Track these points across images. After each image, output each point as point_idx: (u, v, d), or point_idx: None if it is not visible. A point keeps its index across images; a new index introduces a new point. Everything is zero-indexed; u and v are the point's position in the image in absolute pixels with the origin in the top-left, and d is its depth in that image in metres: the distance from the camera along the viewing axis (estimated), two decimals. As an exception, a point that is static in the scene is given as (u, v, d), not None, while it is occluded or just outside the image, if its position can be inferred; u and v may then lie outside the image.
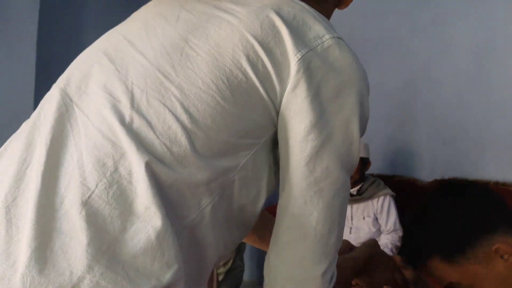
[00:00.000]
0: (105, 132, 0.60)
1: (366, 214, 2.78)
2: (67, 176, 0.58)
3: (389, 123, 3.43)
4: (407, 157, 3.33)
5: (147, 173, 0.57)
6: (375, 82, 3.67)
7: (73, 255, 0.54)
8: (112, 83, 0.65)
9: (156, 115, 0.61)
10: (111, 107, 0.62)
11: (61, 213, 0.56)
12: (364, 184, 2.81)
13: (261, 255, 3.69)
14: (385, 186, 2.81)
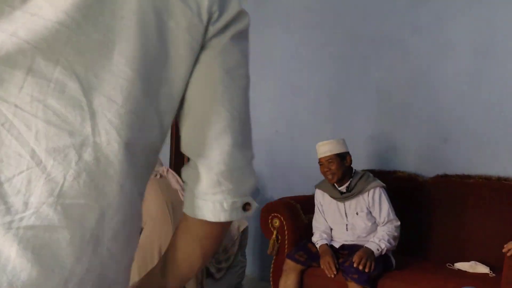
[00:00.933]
0: (56, 121, 0.55)
1: (359, 209, 2.80)
2: (22, 175, 0.54)
3: (390, 120, 3.45)
4: (408, 153, 3.35)
5: (120, 152, 0.58)
6: (376, 80, 3.74)
7: (59, 252, 0.53)
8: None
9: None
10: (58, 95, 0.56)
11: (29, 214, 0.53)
12: (353, 180, 2.82)
13: (263, 250, 3.74)
14: (374, 179, 2.82)
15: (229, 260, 3.13)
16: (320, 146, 2.84)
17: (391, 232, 2.68)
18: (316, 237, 2.87)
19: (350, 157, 2.84)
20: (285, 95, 4.01)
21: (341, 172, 2.78)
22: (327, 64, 3.79)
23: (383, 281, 2.52)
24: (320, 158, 2.83)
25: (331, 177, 2.79)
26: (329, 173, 2.78)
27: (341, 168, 2.78)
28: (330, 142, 2.82)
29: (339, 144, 2.83)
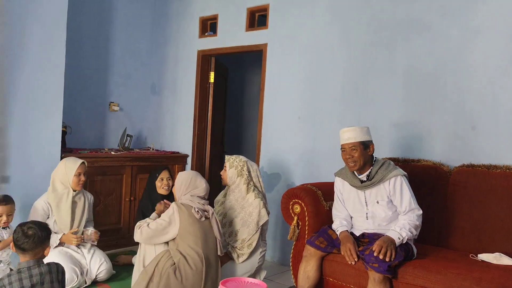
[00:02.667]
0: None
1: (379, 198, 2.75)
2: None
3: (416, 106, 3.38)
4: (433, 141, 3.29)
5: None
6: (403, 66, 3.66)
7: None
8: None
9: None
10: None
11: None
12: (373, 168, 2.77)
13: (284, 235, 3.79)
14: (395, 167, 2.76)
15: (250, 245, 3.16)
16: (344, 132, 2.80)
17: (412, 221, 2.64)
18: (336, 224, 2.86)
19: (373, 146, 2.79)
20: (308, 81, 3.97)
21: (362, 160, 2.73)
22: (352, 49, 3.72)
23: (404, 270, 2.49)
24: (342, 144, 2.80)
25: (352, 165, 2.75)
26: (351, 161, 2.75)
27: (363, 156, 2.73)
28: (354, 129, 2.77)
29: (363, 132, 2.77)
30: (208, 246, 2.89)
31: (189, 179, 3.03)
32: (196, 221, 2.87)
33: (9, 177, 3.50)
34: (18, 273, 2.07)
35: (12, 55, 3.44)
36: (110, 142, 4.79)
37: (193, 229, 2.84)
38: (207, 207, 3.00)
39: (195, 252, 2.80)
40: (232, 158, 3.36)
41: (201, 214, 2.90)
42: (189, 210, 2.88)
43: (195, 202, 2.96)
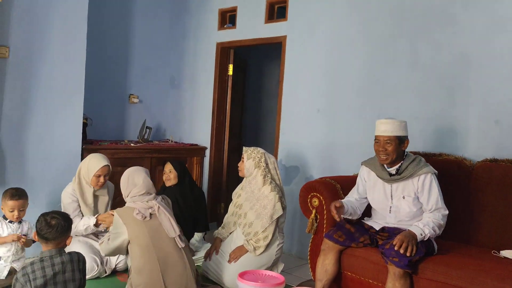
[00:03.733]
0: None
1: (406, 193, 2.70)
2: None
3: (438, 100, 3.32)
4: (455, 135, 3.23)
5: None
6: (424, 58, 3.59)
7: None
8: None
9: None
10: None
11: None
12: (404, 163, 2.71)
13: (302, 228, 3.78)
14: (426, 164, 2.70)
15: (266, 238, 3.16)
16: (381, 123, 2.71)
17: (437, 220, 2.59)
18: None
19: (408, 141, 2.72)
20: (328, 73, 3.93)
21: (395, 155, 2.67)
22: (372, 41, 3.67)
23: (424, 265, 2.46)
24: (377, 136, 2.72)
25: (384, 158, 2.69)
26: (383, 154, 2.68)
27: (397, 151, 2.67)
28: (392, 122, 2.68)
29: (401, 127, 2.69)
30: (162, 244, 2.74)
31: (127, 178, 2.90)
32: (141, 223, 2.73)
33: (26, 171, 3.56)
34: (41, 262, 2.12)
35: (34, 48, 3.49)
36: (129, 134, 4.83)
37: (140, 232, 2.71)
38: (152, 202, 2.84)
39: (145, 261, 2.66)
40: (250, 150, 3.36)
41: (143, 215, 2.75)
42: (131, 213, 2.75)
43: (137, 202, 2.81)
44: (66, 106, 3.71)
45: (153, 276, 2.65)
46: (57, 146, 3.66)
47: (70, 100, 3.73)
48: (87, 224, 3.24)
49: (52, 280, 2.10)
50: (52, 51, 3.58)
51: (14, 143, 3.44)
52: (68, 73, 3.69)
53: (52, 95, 3.62)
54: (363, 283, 2.72)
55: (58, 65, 3.63)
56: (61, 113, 3.68)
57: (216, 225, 4.82)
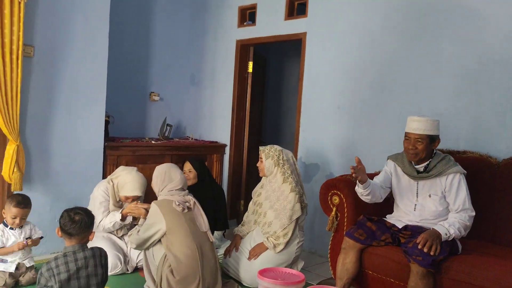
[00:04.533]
0: None
1: (433, 192, 2.66)
2: None
3: (462, 97, 3.26)
4: (480, 132, 3.16)
5: None
6: (448, 54, 3.52)
7: None
8: None
9: None
10: None
11: None
12: (432, 161, 2.66)
13: (322, 226, 3.74)
14: (456, 164, 2.65)
15: (286, 235, 3.15)
16: (413, 120, 2.66)
17: (463, 221, 2.54)
18: None
19: (439, 141, 2.67)
20: (348, 70, 3.89)
21: (425, 153, 2.63)
22: (393, 37, 3.62)
23: (448, 265, 2.42)
24: (408, 133, 2.67)
25: (413, 156, 2.65)
26: (413, 152, 2.64)
27: (427, 149, 2.62)
28: (425, 120, 2.63)
29: (434, 125, 2.64)
30: (198, 236, 2.85)
31: (163, 174, 2.99)
32: (180, 214, 2.83)
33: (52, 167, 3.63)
34: (64, 257, 2.15)
35: (58, 47, 3.55)
36: (150, 131, 4.88)
37: (180, 222, 2.80)
38: (188, 197, 2.96)
39: (187, 247, 2.76)
40: (267, 149, 3.35)
41: (182, 207, 2.85)
42: (170, 205, 2.84)
43: (174, 196, 2.91)
44: (88, 104, 3.76)
45: (194, 265, 2.75)
46: (80, 143, 3.72)
47: (92, 98, 3.78)
48: (113, 221, 3.28)
49: (75, 274, 2.13)
50: (75, 50, 3.64)
51: (39, 140, 3.51)
52: (90, 72, 3.75)
53: (75, 94, 3.67)
54: (385, 282, 2.69)
55: (81, 64, 3.69)
56: (84, 111, 3.73)
57: (236, 222, 4.84)
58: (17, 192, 3.20)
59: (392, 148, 3.26)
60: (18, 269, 2.91)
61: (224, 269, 3.34)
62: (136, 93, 4.76)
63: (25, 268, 2.94)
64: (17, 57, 3.18)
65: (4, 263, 2.88)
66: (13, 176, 3.24)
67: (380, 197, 2.82)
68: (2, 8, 3.08)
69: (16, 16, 3.15)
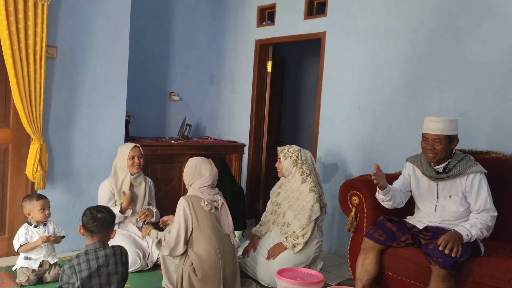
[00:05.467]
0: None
1: (453, 192, 2.61)
2: None
3: (485, 96, 3.19)
4: (503, 132, 3.09)
5: None
6: (472, 53, 3.45)
7: None
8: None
9: None
10: None
11: None
12: (452, 161, 2.61)
13: (341, 226, 3.72)
14: (476, 163, 2.60)
15: (305, 235, 3.14)
16: (430, 121, 2.61)
17: (485, 221, 2.48)
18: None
19: (458, 140, 2.62)
20: (369, 69, 3.85)
21: (444, 154, 2.58)
22: (415, 36, 3.56)
23: (470, 267, 2.37)
24: (426, 134, 2.63)
25: (431, 157, 2.61)
26: (431, 152, 2.60)
27: (446, 150, 2.58)
28: (443, 120, 2.58)
29: (452, 125, 2.59)
30: (221, 237, 2.85)
31: (194, 167, 2.95)
32: (207, 213, 2.83)
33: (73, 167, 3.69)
34: (86, 255, 2.19)
35: (79, 48, 3.61)
36: (170, 131, 4.92)
37: (205, 221, 2.80)
38: (217, 197, 2.94)
39: (211, 246, 2.76)
40: (286, 149, 3.34)
41: (210, 206, 2.84)
42: (198, 203, 2.83)
43: (204, 193, 2.89)
44: (109, 104, 3.81)
45: (216, 265, 2.76)
46: (101, 142, 3.78)
47: (113, 98, 3.83)
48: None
49: (96, 272, 2.16)
50: (96, 51, 3.69)
51: (62, 139, 3.57)
52: (111, 72, 3.80)
53: (97, 94, 3.73)
54: (405, 284, 2.65)
55: (102, 64, 3.74)
56: (105, 111, 3.79)
57: (254, 222, 4.84)
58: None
59: (413, 148, 3.21)
60: (42, 267, 2.97)
61: (243, 268, 3.35)
62: (156, 93, 4.81)
63: (49, 265, 3.00)
64: (41, 58, 3.25)
65: (28, 260, 2.95)
66: (37, 174, 3.31)
67: (401, 202, 2.79)
68: (26, 10, 3.14)
69: (39, 18, 3.21)
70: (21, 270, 2.91)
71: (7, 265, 3.18)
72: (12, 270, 3.05)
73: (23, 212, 3.03)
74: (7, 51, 3.08)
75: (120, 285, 2.26)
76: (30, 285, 2.89)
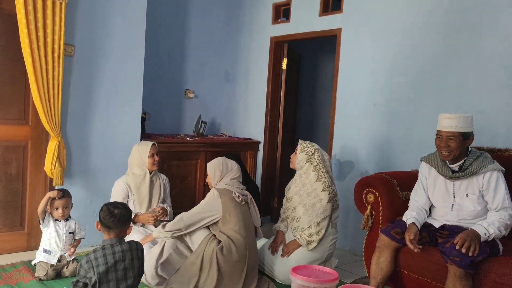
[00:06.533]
0: None
1: (470, 191, 2.57)
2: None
3: (504, 93, 3.14)
4: (523, 130, 3.04)
5: None
6: (490, 49, 3.40)
7: None
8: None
9: None
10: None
11: None
12: (468, 159, 2.56)
13: (356, 224, 3.71)
14: (493, 161, 2.55)
15: (319, 233, 3.13)
16: (444, 118, 2.57)
17: (503, 220, 2.44)
18: (407, 215, 2.72)
19: (473, 137, 2.57)
20: (384, 66, 3.82)
21: (458, 152, 2.54)
22: (432, 33, 3.52)
23: (488, 266, 2.34)
24: (440, 131, 2.59)
25: (446, 154, 2.57)
26: (446, 150, 2.56)
27: (460, 147, 2.53)
28: (457, 117, 2.53)
29: (467, 122, 2.53)
30: (248, 230, 2.95)
31: (221, 164, 3.09)
32: (238, 205, 2.94)
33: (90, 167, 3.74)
34: (103, 250, 2.22)
35: (97, 46, 3.65)
36: (185, 128, 4.95)
37: (235, 213, 2.90)
38: (245, 191, 3.08)
39: (239, 235, 2.87)
40: (305, 143, 3.36)
41: (242, 199, 2.97)
42: (229, 194, 2.95)
43: (234, 186, 3.03)
44: (126, 102, 3.85)
45: (243, 252, 2.85)
46: (118, 139, 3.82)
47: (130, 96, 3.87)
48: None
49: (113, 267, 2.19)
50: (113, 49, 3.73)
51: (79, 136, 3.62)
52: (128, 70, 3.84)
53: (113, 91, 3.77)
54: (421, 283, 2.63)
55: (118, 62, 3.78)
56: (121, 108, 3.83)
57: (270, 219, 4.84)
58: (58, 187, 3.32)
59: (430, 146, 3.17)
60: (60, 261, 3.02)
61: (260, 265, 3.36)
62: (172, 90, 4.84)
63: (67, 260, 3.05)
64: (59, 56, 3.30)
65: (47, 253, 3.00)
66: (55, 171, 3.37)
67: (427, 213, 2.77)
68: (44, 8, 3.19)
69: (57, 16, 3.26)
70: (40, 264, 2.97)
71: (27, 259, 3.24)
72: (31, 265, 3.11)
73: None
74: (26, 49, 3.14)
75: (136, 280, 2.29)
76: (48, 279, 2.95)
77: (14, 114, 3.39)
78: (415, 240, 2.55)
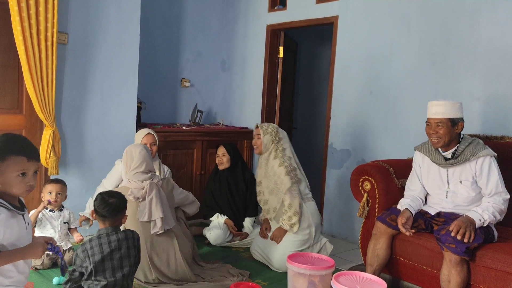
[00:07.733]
0: None
1: (463, 177, 2.56)
2: None
3: (501, 81, 3.12)
4: (520, 117, 3.03)
5: None
6: (488, 37, 3.38)
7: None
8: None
9: None
10: None
11: None
12: (460, 146, 2.57)
13: (352, 212, 3.69)
14: (485, 146, 2.54)
15: (296, 212, 3.13)
16: (432, 105, 2.58)
17: (497, 205, 2.45)
18: (401, 202, 2.73)
19: (462, 123, 2.56)
20: (381, 53, 3.80)
21: (448, 138, 2.54)
22: (430, 19, 3.49)
23: (483, 252, 2.35)
24: (428, 118, 2.60)
25: (436, 141, 2.57)
26: (435, 137, 2.57)
27: (449, 134, 2.53)
28: (444, 103, 2.54)
29: (455, 108, 2.54)
30: (145, 227, 2.77)
31: (126, 153, 2.92)
32: (134, 204, 2.77)
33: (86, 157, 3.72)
34: (98, 239, 2.21)
35: (91, 34, 3.61)
36: (181, 117, 4.93)
37: (132, 213, 2.71)
38: (145, 183, 2.83)
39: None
40: (265, 125, 3.39)
41: (135, 196, 2.77)
42: (125, 193, 2.57)
43: (132, 182, 2.83)
44: (121, 90, 3.82)
45: (144, 257, 2.70)
46: (113, 129, 3.80)
47: (125, 85, 3.84)
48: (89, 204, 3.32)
49: (109, 256, 2.19)
50: (107, 37, 3.69)
51: (74, 125, 3.60)
52: (122, 59, 3.80)
53: (108, 80, 3.74)
54: (417, 269, 2.64)
55: (113, 51, 3.74)
56: (116, 97, 3.80)
57: (266, 208, 4.85)
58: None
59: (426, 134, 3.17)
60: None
61: (253, 253, 3.37)
62: (168, 79, 4.80)
63: (63, 250, 3.04)
64: (52, 44, 3.26)
65: None
66: (50, 160, 3.35)
67: (423, 202, 2.77)
68: (37, -4, 3.15)
69: (50, 3, 3.21)
70: None
71: (23, 249, 3.23)
72: (27, 254, 3.10)
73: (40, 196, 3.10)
74: (18, 37, 3.10)
75: (133, 268, 2.28)
76: (44, 268, 2.95)
77: (8, 103, 3.36)
78: (407, 224, 2.57)
